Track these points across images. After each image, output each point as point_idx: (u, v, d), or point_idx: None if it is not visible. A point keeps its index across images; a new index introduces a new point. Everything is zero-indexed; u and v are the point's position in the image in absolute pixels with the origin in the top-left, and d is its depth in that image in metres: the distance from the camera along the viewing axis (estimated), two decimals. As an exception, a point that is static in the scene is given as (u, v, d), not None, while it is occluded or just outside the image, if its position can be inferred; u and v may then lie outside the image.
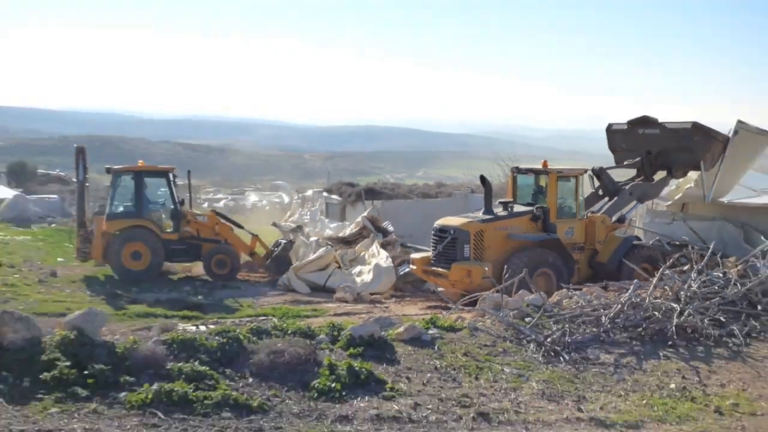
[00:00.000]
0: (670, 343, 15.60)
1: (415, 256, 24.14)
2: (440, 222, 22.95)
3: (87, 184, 28.19)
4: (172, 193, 27.96)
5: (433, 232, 22.90)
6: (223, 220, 28.94)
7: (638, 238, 25.23)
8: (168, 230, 27.78)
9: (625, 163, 26.64)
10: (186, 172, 29.24)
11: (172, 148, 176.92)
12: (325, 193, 42.73)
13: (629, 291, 17.08)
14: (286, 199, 56.77)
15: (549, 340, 14.89)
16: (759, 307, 17.67)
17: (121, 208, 27.82)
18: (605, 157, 28.50)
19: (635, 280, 17.93)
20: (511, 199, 23.86)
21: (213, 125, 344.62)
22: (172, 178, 28.05)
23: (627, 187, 25.77)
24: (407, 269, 25.23)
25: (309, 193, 45.05)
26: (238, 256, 27.96)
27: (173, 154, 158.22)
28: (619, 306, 16.51)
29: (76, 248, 28.22)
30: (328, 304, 22.99)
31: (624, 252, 23.60)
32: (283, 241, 29.25)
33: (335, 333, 14.39)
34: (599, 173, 25.80)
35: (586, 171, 24.54)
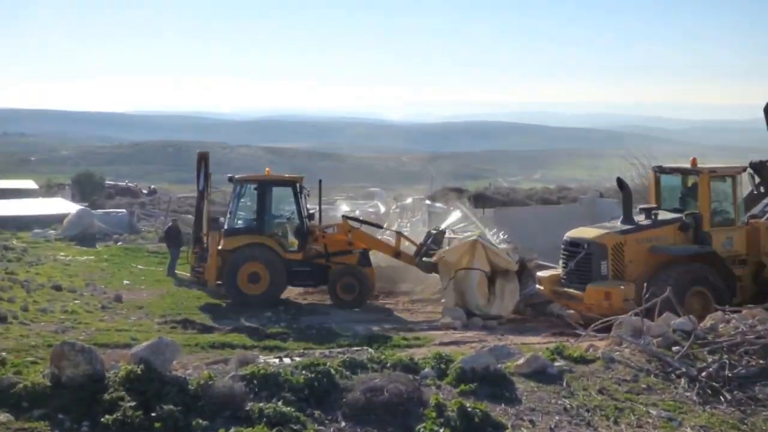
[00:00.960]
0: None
1: (542, 274, 23.51)
2: (572, 234, 22.39)
3: (209, 195, 28.80)
4: (299, 206, 27.95)
5: (563, 246, 22.37)
6: (356, 225, 28.57)
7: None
8: (292, 249, 27.76)
9: None
10: (318, 182, 28.87)
11: (254, 153, 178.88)
12: (427, 201, 42.17)
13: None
14: (383, 209, 56.37)
15: (704, 374, 14.13)
16: None
17: (240, 223, 28.17)
18: (764, 151, 27.28)
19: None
20: (655, 205, 23.07)
21: (297, 125, 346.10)
22: (299, 189, 27.95)
23: None
24: (533, 290, 24.54)
25: (409, 201, 44.62)
26: (370, 278, 27.59)
27: (255, 158, 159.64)
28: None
29: (191, 268, 28.73)
30: (433, 331, 22.47)
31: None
32: (435, 231, 28.12)
33: (443, 366, 13.92)
34: (760, 167, 24.71)
35: (744, 169, 23.46)
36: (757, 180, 24.80)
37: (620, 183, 22.66)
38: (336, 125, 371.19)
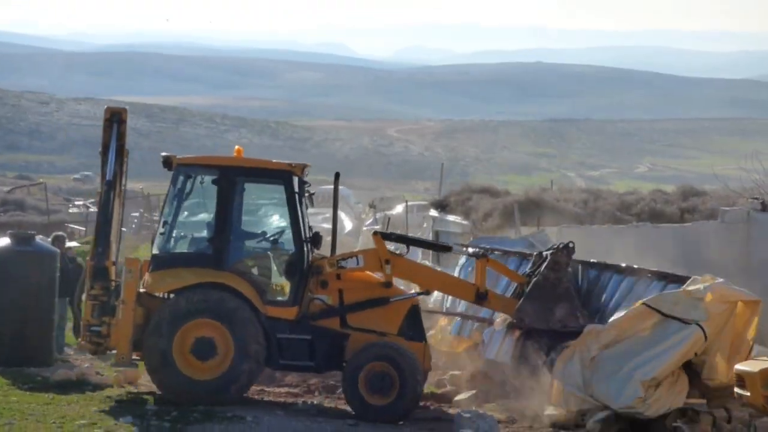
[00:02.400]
0: None
1: (745, 367, 14.78)
2: None
3: (122, 190, 18.03)
4: (295, 219, 17.34)
5: None
6: (398, 248, 18.26)
7: None
8: (279, 299, 17.22)
9: None
10: (334, 175, 18.09)
11: (101, 112, 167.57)
12: (433, 211, 36.75)
13: None
14: (347, 224, 47.65)
15: None
16: None
17: (183, 245, 17.77)
18: None
19: None
20: None
21: (178, 61, 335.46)
22: (298, 188, 17.46)
23: None
24: None
25: (398, 209, 36.04)
26: (421, 361, 17.20)
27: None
28: None
29: (83, 325, 17.44)
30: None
31: None
32: (548, 254, 18.23)
33: None
34: None
35: None
36: None
37: None
38: (252, 62, 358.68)
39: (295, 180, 17.22)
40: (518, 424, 16.43)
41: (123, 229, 19.87)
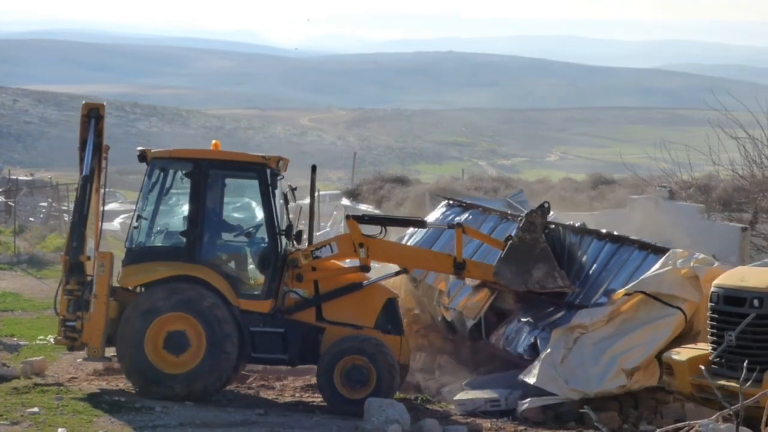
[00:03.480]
0: None
1: (674, 355, 14.98)
2: (726, 281, 14.52)
3: (101, 185, 18.06)
4: (270, 212, 17.29)
5: (711, 304, 14.43)
6: (365, 229, 17.87)
7: None
8: (253, 292, 17.14)
9: None
10: (311, 168, 18.22)
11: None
12: (345, 201, 35.80)
13: None
14: None
15: None
16: None
17: (156, 239, 17.64)
18: None
19: None
20: None
21: (80, 48, 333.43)
22: (272, 180, 17.39)
23: None
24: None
25: (304, 201, 36.11)
26: (398, 355, 17.11)
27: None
28: None
29: (60, 321, 17.06)
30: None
31: None
32: (523, 215, 18.26)
33: None
34: None
35: None
36: None
37: None
38: (163, 51, 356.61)
39: (269, 173, 17.17)
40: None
41: (31, 219, 19.59)
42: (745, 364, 12.21)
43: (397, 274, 18.16)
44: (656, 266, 16.98)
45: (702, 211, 26.43)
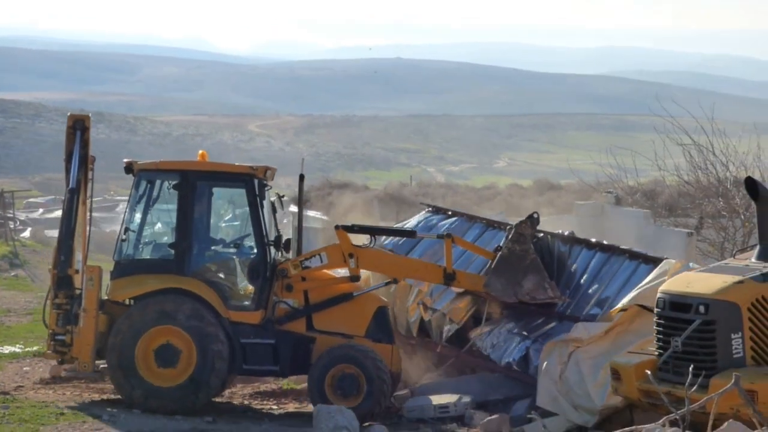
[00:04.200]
0: None
1: (622, 360, 14.99)
2: (673, 287, 14.50)
3: (88, 197, 17.77)
4: (259, 223, 17.11)
5: (657, 310, 14.44)
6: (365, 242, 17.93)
7: None
8: (243, 303, 17.05)
9: None
10: (299, 177, 18.28)
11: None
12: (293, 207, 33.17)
13: None
14: None
15: None
16: None
17: (145, 251, 17.60)
18: None
19: None
20: None
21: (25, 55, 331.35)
22: (261, 191, 17.29)
23: None
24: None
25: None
26: (389, 363, 17.09)
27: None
28: None
29: (49, 335, 17.08)
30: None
31: None
32: (512, 226, 18.30)
33: None
34: None
35: None
36: None
37: (752, 186, 14.73)
38: (110, 57, 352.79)
39: (257, 183, 17.11)
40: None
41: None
42: (690, 370, 12.19)
43: (387, 284, 18.03)
44: (650, 276, 16.92)
45: (648, 216, 26.51)
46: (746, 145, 29.85)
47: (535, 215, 18.41)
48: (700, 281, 14.33)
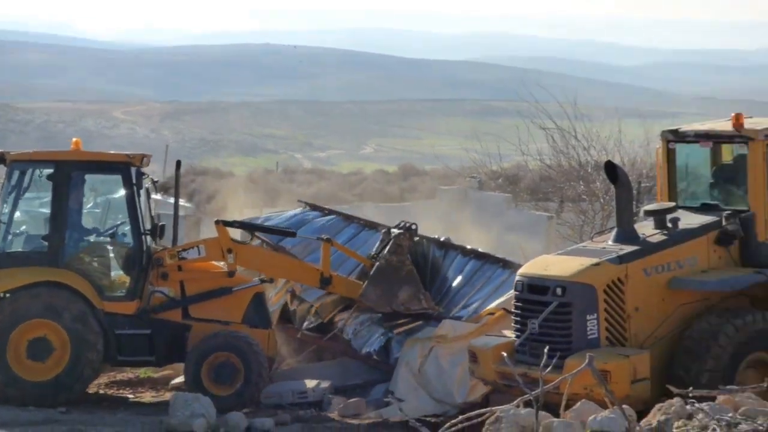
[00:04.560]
0: None
1: (478, 343, 15.21)
2: (531, 270, 14.85)
3: None
4: (134, 212, 16.94)
5: (515, 293, 14.79)
6: (237, 235, 18.68)
7: None
8: (117, 294, 16.84)
9: None
10: (175, 164, 18.84)
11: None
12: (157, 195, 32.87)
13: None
14: None
15: None
16: None
17: (16, 243, 17.34)
18: None
19: None
20: (671, 204, 15.28)
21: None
22: (137, 180, 17.06)
23: None
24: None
25: None
26: (266, 350, 17.05)
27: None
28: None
29: None
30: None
31: None
32: (397, 232, 18.33)
33: None
34: None
35: None
36: None
37: (611, 170, 15.08)
38: None
39: (134, 171, 16.89)
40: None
41: None
42: (546, 351, 12.23)
43: (262, 281, 17.92)
44: None
45: (509, 200, 26.81)
46: (608, 130, 30.34)
47: (414, 227, 18.73)
48: (557, 264, 14.57)
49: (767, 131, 14.79)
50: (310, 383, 17.30)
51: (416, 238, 18.69)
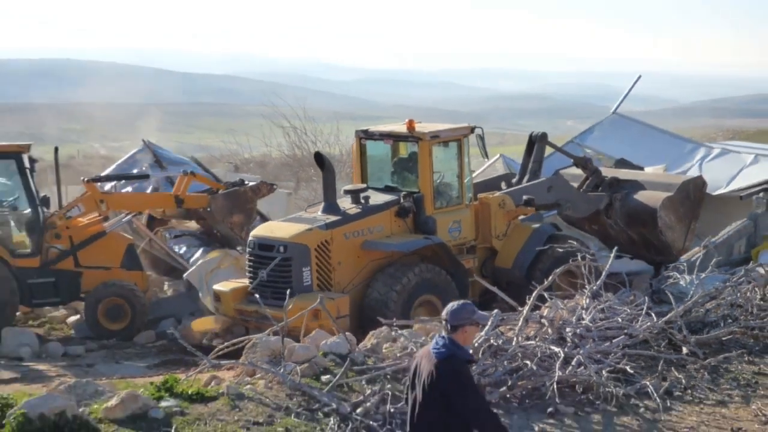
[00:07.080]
0: (550, 410, 9.99)
1: (221, 287, 15.20)
2: (260, 233, 14.90)
3: None
4: (28, 188, 16.69)
5: (249, 249, 14.92)
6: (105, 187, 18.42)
7: (557, 228, 16.81)
8: (23, 252, 16.61)
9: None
10: (54, 149, 17.66)
11: None
12: None
13: (486, 327, 10.61)
14: None
15: (360, 410, 9.55)
16: (684, 350, 11.63)
17: None
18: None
19: (495, 311, 11.19)
20: (363, 185, 15.45)
21: None
22: (26, 164, 16.81)
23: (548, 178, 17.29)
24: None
25: None
26: (142, 289, 16.99)
27: None
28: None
29: None
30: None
31: (536, 250, 15.53)
32: (260, 181, 18.62)
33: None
34: (540, 139, 17.24)
35: (472, 130, 15.68)
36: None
37: (319, 158, 15.25)
38: None
39: (25, 157, 16.74)
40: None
41: None
42: (287, 294, 12.33)
43: (128, 216, 18.03)
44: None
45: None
46: (330, 128, 31.39)
47: (275, 186, 18.88)
48: (281, 228, 14.63)
49: (432, 134, 15.13)
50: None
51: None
